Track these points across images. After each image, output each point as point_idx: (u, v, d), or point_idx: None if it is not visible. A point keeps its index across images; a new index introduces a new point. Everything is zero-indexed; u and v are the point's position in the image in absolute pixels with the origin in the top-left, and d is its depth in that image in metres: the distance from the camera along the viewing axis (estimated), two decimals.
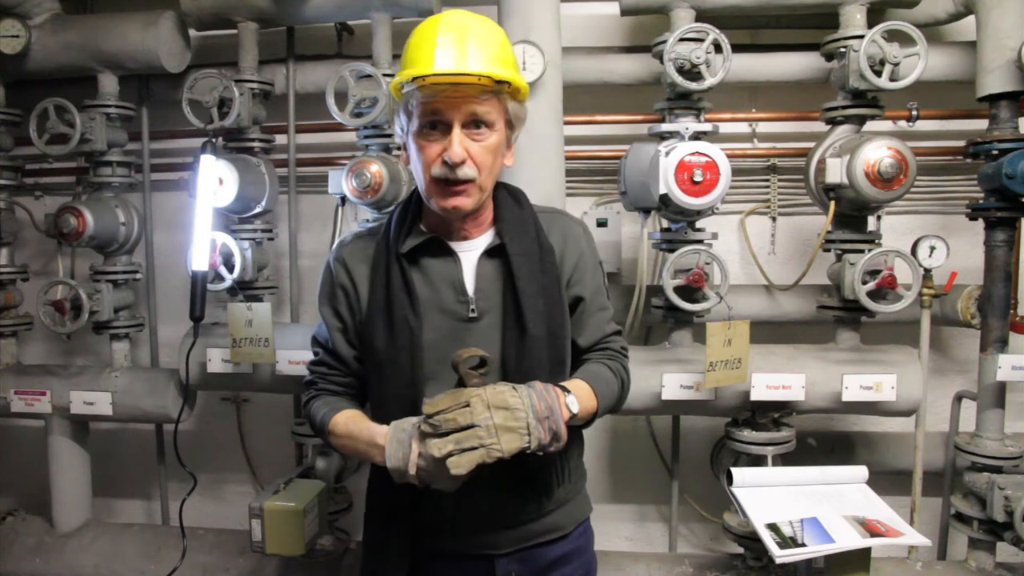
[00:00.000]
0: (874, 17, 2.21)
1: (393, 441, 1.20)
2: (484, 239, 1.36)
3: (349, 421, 1.34)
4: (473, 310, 1.31)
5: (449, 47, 1.22)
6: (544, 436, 1.17)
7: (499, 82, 1.23)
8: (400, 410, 1.27)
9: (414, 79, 1.21)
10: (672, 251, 2.17)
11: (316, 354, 1.46)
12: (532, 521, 1.37)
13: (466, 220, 1.33)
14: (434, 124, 1.24)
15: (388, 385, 1.31)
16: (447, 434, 1.13)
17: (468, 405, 1.14)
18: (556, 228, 1.40)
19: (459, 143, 1.22)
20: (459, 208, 1.27)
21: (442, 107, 1.22)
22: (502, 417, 1.14)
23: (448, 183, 1.25)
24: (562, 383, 1.29)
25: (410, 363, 1.29)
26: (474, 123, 1.24)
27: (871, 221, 2.22)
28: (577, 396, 1.26)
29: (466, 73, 1.20)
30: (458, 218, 1.31)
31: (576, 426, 1.32)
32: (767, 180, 2.69)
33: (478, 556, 1.36)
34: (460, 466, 1.11)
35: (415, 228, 1.35)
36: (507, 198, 1.40)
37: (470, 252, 1.35)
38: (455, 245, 1.34)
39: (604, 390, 1.35)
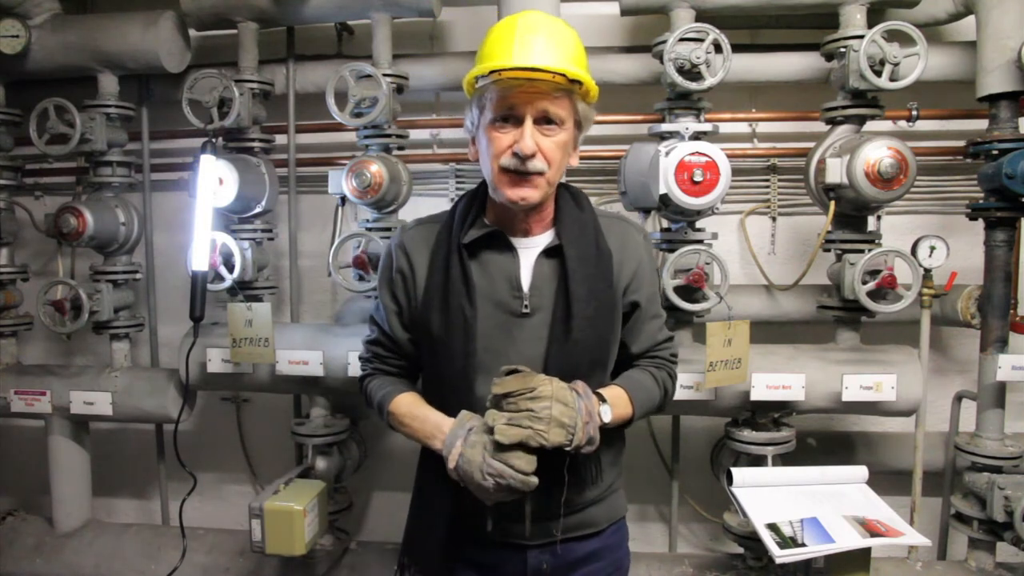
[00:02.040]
0: (874, 17, 2.21)
1: (451, 433, 1.29)
2: (544, 238, 1.40)
3: (412, 405, 1.42)
4: (526, 306, 1.35)
5: (527, 43, 1.27)
6: (582, 438, 1.24)
7: (572, 81, 1.29)
8: (452, 394, 1.35)
9: (491, 72, 1.27)
10: (672, 251, 2.17)
11: (372, 332, 1.53)
12: (566, 515, 1.38)
13: (530, 215, 1.37)
14: (507, 117, 1.29)
15: (441, 369, 1.36)
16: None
17: (534, 390, 1.21)
18: (616, 233, 1.44)
19: (531, 136, 1.27)
20: (527, 199, 1.31)
21: (516, 101, 1.27)
22: (559, 411, 1.21)
23: (518, 173, 1.29)
24: (600, 390, 1.34)
25: (463, 351, 1.33)
26: (545, 119, 1.29)
27: (871, 221, 2.22)
28: (612, 404, 1.33)
29: (542, 69, 1.25)
30: (523, 210, 1.35)
31: (613, 428, 1.37)
32: (767, 180, 2.69)
33: (512, 545, 1.39)
34: (506, 436, 1.19)
35: (478, 220, 1.40)
36: (568, 199, 1.43)
37: (529, 249, 1.39)
38: (516, 241, 1.39)
39: (642, 397, 1.41)
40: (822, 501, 1.76)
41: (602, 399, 1.32)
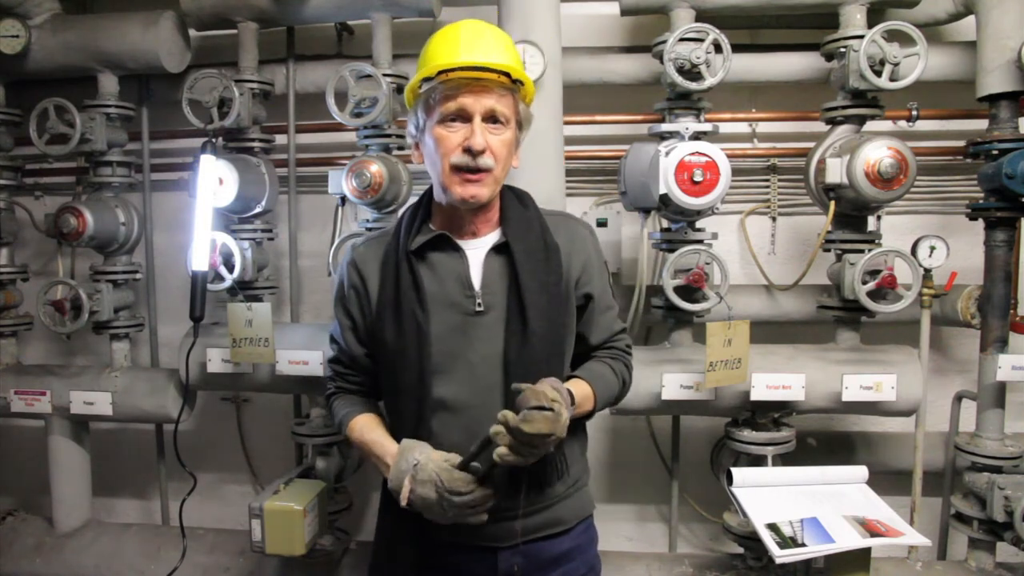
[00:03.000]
0: (874, 17, 2.21)
1: (396, 468, 1.30)
2: (491, 237, 1.41)
3: (364, 428, 1.44)
4: (479, 304, 1.36)
5: (473, 44, 1.32)
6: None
7: (514, 81, 1.33)
8: (411, 400, 1.35)
9: (439, 73, 1.30)
10: (672, 251, 2.17)
11: (332, 350, 1.54)
12: (533, 514, 1.38)
13: (476, 215, 1.39)
14: (455, 116, 1.31)
15: (398, 377, 1.37)
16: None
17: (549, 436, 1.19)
18: (562, 229, 1.46)
19: (481, 132, 1.30)
20: (476, 197, 1.33)
21: (465, 99, 1.30)
22: (554, 442, 1.20)
23: (468, 171, 1.31)
24: (570, 388, 1.34)
25: (418, 356, 1.34)
26: (492, 118, 1.32)
27: (871, 221, 2.22)
28: (579, 404, 1.34)
29: (489, 67, 1.29)
30: (471, 210, 1.37)
31: (574, 420, 1.36)
32: (767, 180, 2.69)
33: (481, 548, 1.38)
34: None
35: (424, 227, 1.42)
36: (512, 199, 1.46)
37: (477, 249, 1.40)
38: (463, 242, 1.40)
39: (602, 389, 1.43)
40: (822, 501, 1.76)
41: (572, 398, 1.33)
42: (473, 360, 1.34)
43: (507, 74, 1.32)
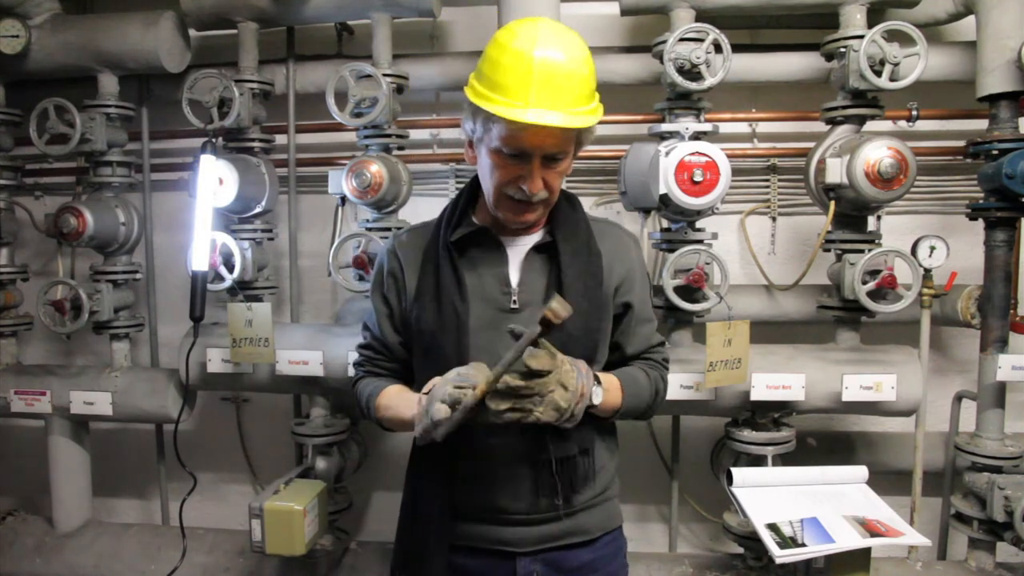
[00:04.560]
0: (874, 17, 2.21)
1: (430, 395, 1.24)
2: (534, 236, 1.41)
3: (393, 394, 1.43)
4: (515, 301, 1.36)
5: (543, 91, 1.22)
6: (570, 416, 1.23)
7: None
8: None
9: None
10: (672, 251, 2.17)
11: (364, 338, 1.54)
12: (554, 520, 1.37)
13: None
14: (513, 153, 1.27)
15: (433, 367, 1.35)
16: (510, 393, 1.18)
17: (548, 373, 1.18)
18: (608, 237, 1.46)
19: (538, 176, 1.28)
20: (528, 222, 1.36)
21: (525, 145, 1.26)
22: (559, 395, 1.19)
23: (521, 202, 1.31)
24: (597, 374, 1.34)
25: (455, 347, 1.33)
26: (552, 158, 1.29)
27: (871, 221, 2.22)
28: (606, 390, 1.33)
29: (561, 127, 1.23)
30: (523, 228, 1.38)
31: (603, 420, 1.38)
32: (767, 180, 2.69)
33: (500, 553, 1.38)
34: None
35: (465, 219, 1.41)
36: (563, 201, 1.44)
37: (518, 247, 1.40)
38: (504, 239, 1.40)
39: (634, 390, 1.42)
40: (822, 501, 1.76)
41: (597, 381, 1.32)
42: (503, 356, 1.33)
43: None
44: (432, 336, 1.36)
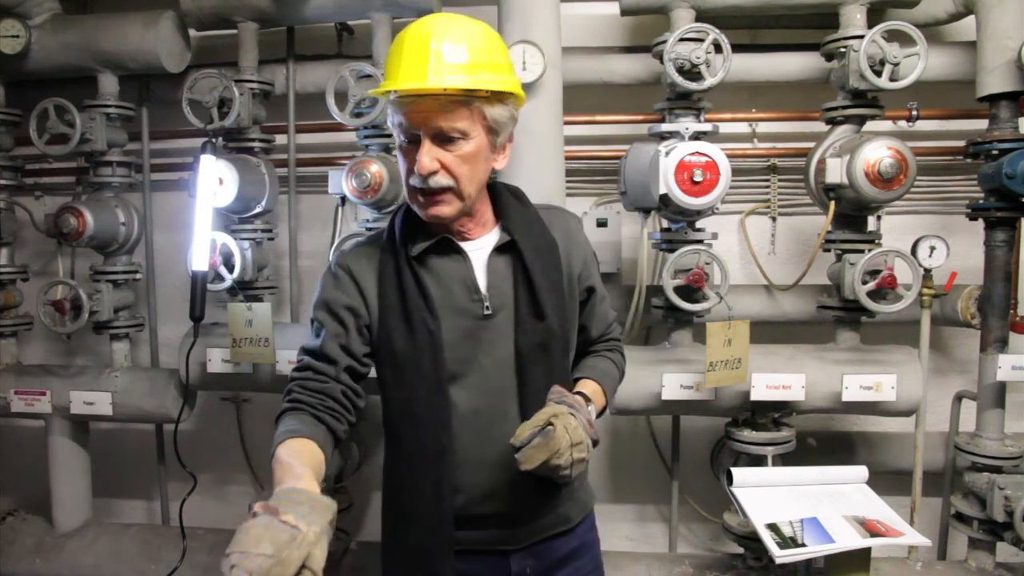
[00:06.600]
0: (874, 17, 2.21)
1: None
2: (491, 237, 1.37)
3: (292, 451, 1.34)
4: (487, 307, 1.32)
5: (415, 59, 1.20)
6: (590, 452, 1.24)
7: (470, 90, 1.21)
8: (428, 410, 1.30)
9: (384, 93, 1.25)
10: (672, 251, 2.17)
11: (300, 361, 1.41)
12: (544, 515, 1.38)
13: (462, 222, 1.34)
14: (409, 138, 1.25)
15: (410, 389, 1.31)
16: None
17: (557, 450, 1.17)
18: (557, 224, 1.43)
19: (427, 155, 1.21)
20: (439, 216, 1.27)
21: (411, 121, 1.22)
22: (576, 452, 1.19)
23: (424, 192, 1.26)
24: (580, 389, 1.38)
25: (433, 365, 1.29)
26: (443, 136, 1.22)
27: (871, 221, 2.22)
28: (592, 401, 1.37)
29: (425, 91, 1.19)
30: (442, 224, 1.32)
31: None
32: (767, 180, 2.69)
33: (494, 552, 1.38)
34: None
35: (422, 230, 1.34)
36: (510, 197, 1.41)
37: (479, 250, 1.35)
38: (463, 244, 1.34)
39: (611, 386, 1.49)
40: (822, 501, 1.76)
41: (587, 399, 1.34)
42: (485, 364, 1.31)
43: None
44: (406, 357, 1.30)
